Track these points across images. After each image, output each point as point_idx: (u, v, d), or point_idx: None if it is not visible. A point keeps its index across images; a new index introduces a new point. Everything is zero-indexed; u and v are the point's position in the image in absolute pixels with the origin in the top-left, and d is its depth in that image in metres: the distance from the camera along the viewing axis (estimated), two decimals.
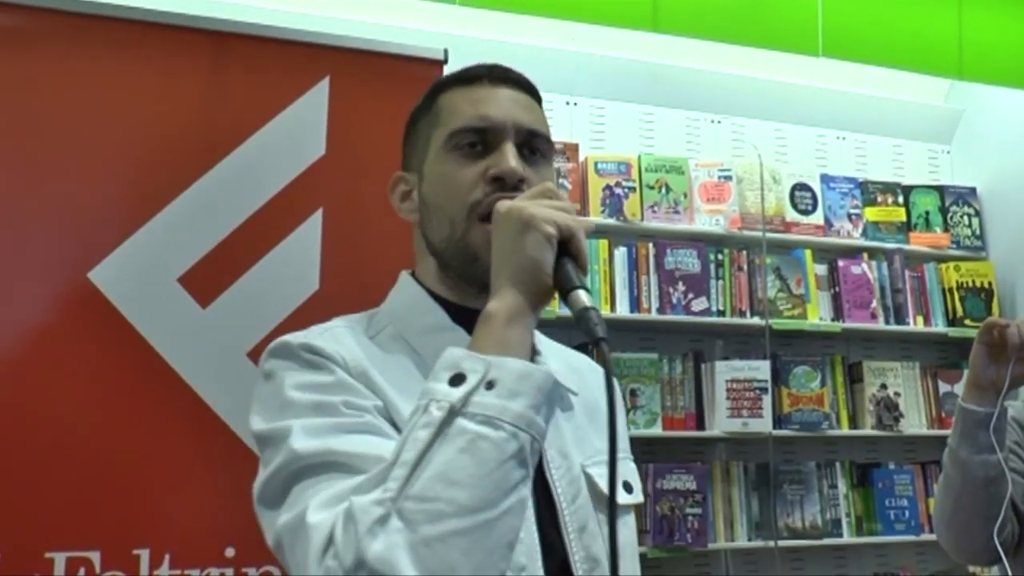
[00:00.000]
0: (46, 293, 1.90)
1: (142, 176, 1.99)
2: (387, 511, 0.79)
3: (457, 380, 0.84)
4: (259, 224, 2.05)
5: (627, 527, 1.12)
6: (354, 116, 2.13)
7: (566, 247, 0.91)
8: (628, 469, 1.16)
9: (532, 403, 0.84)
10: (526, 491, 0.84)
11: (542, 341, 1.16)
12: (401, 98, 2.21)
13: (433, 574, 0.78)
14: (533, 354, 1.07)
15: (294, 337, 1.01)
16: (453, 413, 0.82)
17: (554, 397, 0.88)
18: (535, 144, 1.07)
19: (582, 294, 0.88)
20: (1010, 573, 1.62)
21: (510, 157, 1.03)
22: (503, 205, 0.93)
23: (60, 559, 1.81)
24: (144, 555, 1.86)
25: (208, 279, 2.00)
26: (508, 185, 1.01)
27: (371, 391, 0.97)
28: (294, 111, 2.10)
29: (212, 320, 1.99)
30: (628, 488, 1.13)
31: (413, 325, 1.08)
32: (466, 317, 1.02)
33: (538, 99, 1.12)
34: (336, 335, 1.03)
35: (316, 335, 1.02)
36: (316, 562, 0.80)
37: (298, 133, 2.10)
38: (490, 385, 0.84)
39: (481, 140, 1.05)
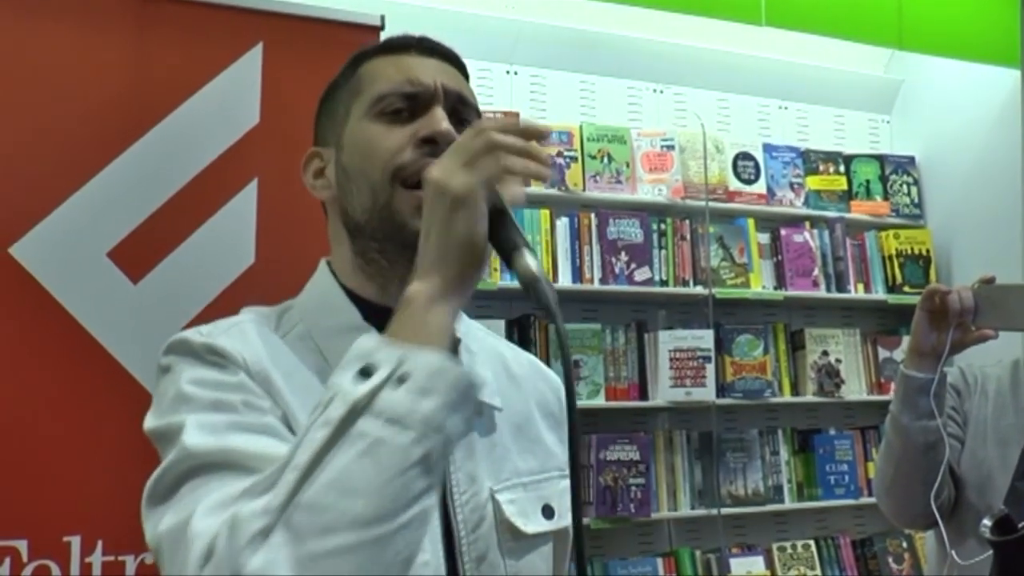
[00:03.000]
0: None
1: (67, 146, 1.90)
2: (272, 521, 0.71)
3: (366, 372, 0.76)
4: (192, 195, 1.98)
5: (540, 555, 1.01)
6: (289, 84, 2.06)
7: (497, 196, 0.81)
8: (558, 489, 1.04)
9: (445, 402, 0.75)
10: (430, 501, 0.76)
11: (478, 338, 1.07)
12: (337, 66, 2.16)
13: None
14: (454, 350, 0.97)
15: (196, 334, 0.93)
16: (355, 412, 0.74)
17: (471, 399, 0.79)
18: (463, 113, 0.99)
19: (528, 260, 0.79)
20: (946, 537, 1.64)
21: (441, 119, 0.95)
22: (433, 172, 0.82)
23: None
24: (75, 542, 1.80)
25: (139, 253, 1.93)
26: (440, 149, 0.89)
27: (271, 397, 0.89)
28: (226, 78, 2.03)
29: (144, 296, 1.93)
30: (548, 512, 1.02)
31: (321, 324, 0.98)
32: (381, 316, 0.89)
33: (466, 75, 1.05)
34: (243, 331, 0.94)
35: (221, 332, 0.93)
36: (194, 572, 0.73)
37: (231, 101, 2.03)
38: (401, 380, 0.75)
39: (408, 107, 0.97)
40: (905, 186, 3.82)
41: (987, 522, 1.46)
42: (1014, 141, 3.43)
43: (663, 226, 3.37)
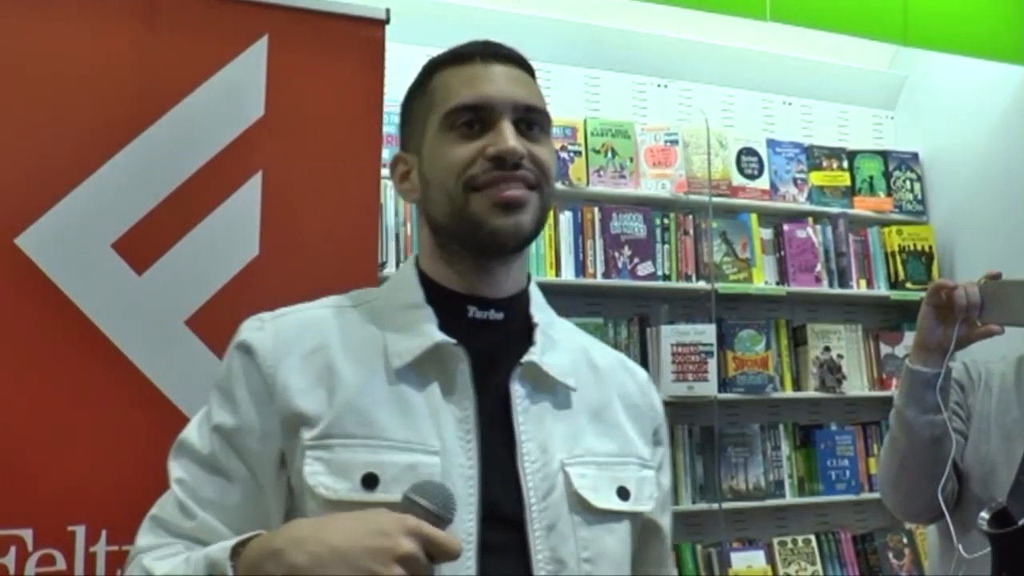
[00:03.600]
0: None
1: (73, 137, 1.90)
2: None
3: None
4: (196, 188, 1.97)
5: (612, 535, 1.06)
6: (294, 76, 2.06)
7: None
8: (636, 475, 1.11)
9: None
10: None
11: (565, 329, 1.16)
12: (342, 58, 2.17)
13: None
14: (529, 344, 1.07)
15: (248, 329, 1.08)
16: None
17: None
18: (533, 119, 1.07)
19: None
20: (952, 530, 1.64)
21: (508, 136, 1.03)
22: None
23: None
24: (80, 531, 1.81)
25: (144, 245, 1.93)
26: (508, 164, 1.02)
27: (273, 401, 1.02)
28: (231, 71, 2.02)
29: (148, 287, 1.92)
30: (623, 494, 1.08)
31: (389, 301, 1.11)
32: (441, 296, 1.08)
33: (532, 73, 1.12)
34: (284, 324, 1.07)
35: (269, 321, 1.08)
36: None
37: (236, 93, 2.02)
38: None
39: (477, 118, 1.05)
40: (908, 182, 3.81)
41: (985, 515, 1.47)
42: (1018, 138, 3.43)
43: (666, 221, 3.37)
